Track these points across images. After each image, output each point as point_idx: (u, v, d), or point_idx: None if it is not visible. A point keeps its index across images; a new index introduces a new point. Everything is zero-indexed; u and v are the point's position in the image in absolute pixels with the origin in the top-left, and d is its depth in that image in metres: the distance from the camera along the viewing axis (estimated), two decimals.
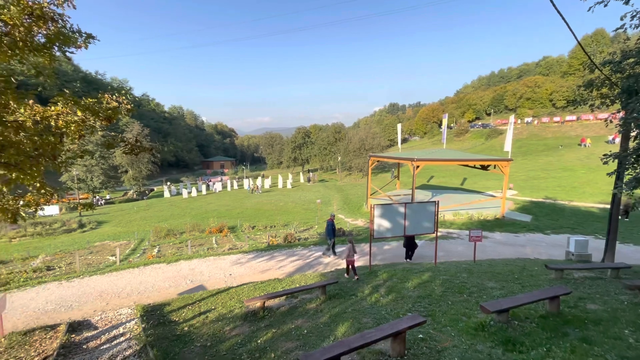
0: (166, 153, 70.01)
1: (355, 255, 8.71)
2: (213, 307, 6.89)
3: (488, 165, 20.90)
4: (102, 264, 12.82)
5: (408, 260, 10.75)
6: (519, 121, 66.48)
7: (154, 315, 6.73)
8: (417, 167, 17.99)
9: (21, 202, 4.62)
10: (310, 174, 53.28)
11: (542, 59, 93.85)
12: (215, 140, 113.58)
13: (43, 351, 5.47)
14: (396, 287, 7.16)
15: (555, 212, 19.47)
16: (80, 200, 34.94)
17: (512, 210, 20.25)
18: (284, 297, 7.02)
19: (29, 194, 4.67)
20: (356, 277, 8.32)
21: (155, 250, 14.85)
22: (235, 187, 46.63)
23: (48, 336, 6.02)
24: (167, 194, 41.20)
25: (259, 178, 46.95)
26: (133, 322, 6.45)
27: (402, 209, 8.98)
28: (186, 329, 5.85)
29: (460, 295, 6.30)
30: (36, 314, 7.54)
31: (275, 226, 20.04)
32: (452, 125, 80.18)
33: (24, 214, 4.65)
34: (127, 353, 5.01)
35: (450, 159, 21.46)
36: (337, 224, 19.67)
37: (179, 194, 42.18)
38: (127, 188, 45.69)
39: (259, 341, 4.85)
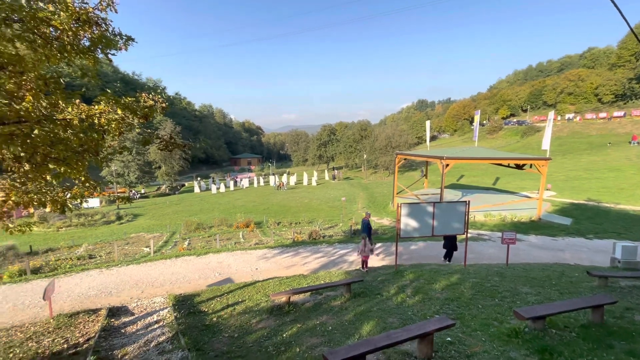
0: (196, 150, 72.72)
1: (371, 252, 8.94)
2: (240, 300, 7.09)
3: (523, 165, 19.79)
4: (138, 254, 13.58)
5: (447, 261, 10.47)
6: (559, 118, 62.42)
7: (185, 305, 7.04)
8: (447, 165, 17.41)
9: (69, 195, 4.97)
10: (335, 171, 53.22)
11: (587, 51, 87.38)
12: (242, 138, 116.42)
13: (86, 333, 5.90)
14: (423, 288, 6.99)
15: (599, 216, 18.09)
16: (118, 194, 37.15)
17: (549, 212, 19.09)
18: (309, 293, 7.08)
19: (75, 187, 5.02)
20: (365, 269, 9.12)
21: (186, 243, 15.50)
22: (262, 183, 47.60)
23: (90, 319, 6.48)
24: (197, 190, 42.84)
25: (285, 175, 47.57)
26: (166, 310, 6.78)
27: (430, 209, 8.74)
28: (215, 319, 6.06)
29: (491, 299, 6.03)
30: (80, 299, 8.13)
31: (300, 223, 20.25)
32: (484, 122, 76.71)
33: (70, 206, 5.01)
34: (161, 339, 5.28)
35: (482, 157, 20.55)
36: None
37: (208, 189, 43.71)
38: (160, 183, 47.97)
39: (284, 335, 4.93)
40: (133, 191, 42.35)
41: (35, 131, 4.40)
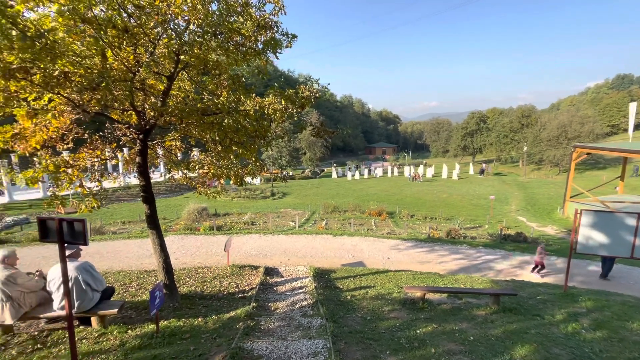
0: (336, 138, 78.17)
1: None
2: (372, 285, 7.23)
3: None
4: (285, 227, 15.85)
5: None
6: None
7: (323, 278, 7.74)
8: None
9: (245, 171, 6.17)
10: (484, 165, 46.65)
11: None
12: (379, 127, 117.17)
13: (250, 283, 7.33)
14: (610, 323, 5.28)
15: None
16: (282, 174, 44.36)
17: None
18: (446, 295, 6.52)
19: (249, 165, 6.18)
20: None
21: (324, 222, 16.99)
22: (396, 173, 46.87)
23: (252, 273, 8.01)
24: (334, 175, 46.19)
25: (421, 166, 45.26)
26: (307, 279, 7.64)
27: (632, 221, 6.43)
28: (348, 297, 6.40)
29: None
30: (245, 255, 10.17)
31: (436, 218, 18.91)
32: None
33: (246, 180, 6.23)
34: (304, 304, 5.99)
35: None
36: (517, 227, 16.53)
37: (344, 175, 46.44)
38: (304, 167, 54.25)
39: (417, 331, 4.70)
40: (284, 172, 49.69)
41: (226, 120, 5.57)
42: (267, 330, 4.77)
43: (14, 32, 3.45)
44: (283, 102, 5.74)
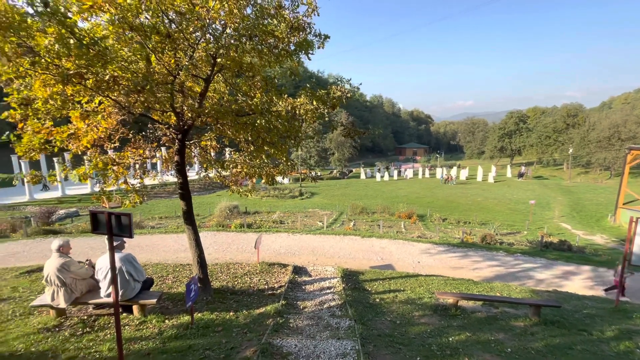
0: (365, 139, 77.35)
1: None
2: (402, 289, 7.07)
3: None
4: (313, 226, 15.94)
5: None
6: None
7: (351, 280, 7.69)
8: None
9: (276, 171, 6.29)
10: (523, 167, 44.06)
11: None
12: (409, 127, 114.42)
13: (279, 281, 7.45)
14: None
15: None
16: (303, 174, 44.82)
17: None
18: (480, 302, 6.22)
19: (280, 165, 6.28)
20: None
21: (352, 223, 16.89)
22: (427, 175, 45.56)
23: (282, 271, 8.13)
24: (362, 176, 45.80)
25: (454, 168, 43.62)
26: (335, 280, 7.63)
27: None
28: (377, 300, 6.31)
29: None
30: (274, 253, 10.34)
31: (470, 223, 18.13)
32: None
33: (277, 179, 6.34)
34: (332, 304, 5.99)
35: None
36: (560, 234, 15.48)
37: (372, 177, 45.88)
38: (332, 168, 54.26)
39: (450, 339, 4.53)
40: (313, 173, 50.02)
41: (258, 121, 5.70)
42: (295, 328, 4.82)
43: (71, 41, 3.77)
44: (314, 103, 5.78)
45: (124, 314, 4.95)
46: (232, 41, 4.98)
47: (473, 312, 5.78)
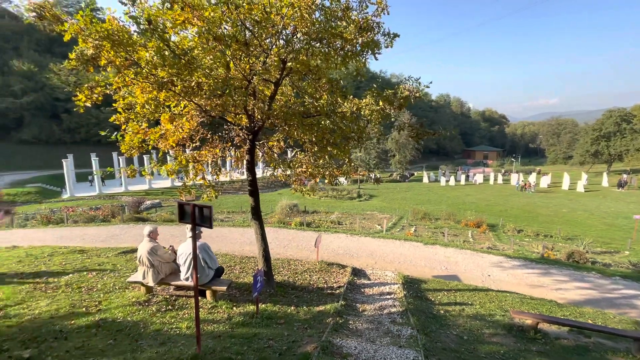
0: (429, 140, 73.42)
1: None
2: (470, 303, 6.53)
3: None
4: (372, 229, 15.66)
5: None
6: None
7: (412, 287, 7.36)
8: None
9: (339, 172, 6.32)
10: (625, 175, 37.31)
11: None
12: (480, 128, 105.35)
13: (337, 281, 7.48)
14: None
15: None
16: (363, 176, 44.34)
17: None
18: (567, 328, 5.42)
19: (344, 166, 6.30)
20: None
21: (413, 229, 16.17)
22: (500, 181, 41.46)
23: (340, 272, 8.15)
24: (425, 180, 43.57)
25: (533, 174, 38.97)
26: (396, 286, 7.38)
27: None
28: (441, 311, 5.92)
29: None
30: (332, 253, 10.41)
31: (552, 236, 15.98)
32: None
33: (340, 180, 6.37)
34: (392, 310, 5.80)
35: None
36: None
37: (437, 180, 43.35)
38: (392, 170, 52.65)
39: None
40: (373, 175, 49.21)
41: (323, 122, 5.81)
42: (355, 330, 4.78)
43: (166, 53, 4.29)
44: (380, 103, 5.67)
45: (199, 297, 5.47)
46: (302, 45, 5.15)
47: (557, 339, 5.07)
